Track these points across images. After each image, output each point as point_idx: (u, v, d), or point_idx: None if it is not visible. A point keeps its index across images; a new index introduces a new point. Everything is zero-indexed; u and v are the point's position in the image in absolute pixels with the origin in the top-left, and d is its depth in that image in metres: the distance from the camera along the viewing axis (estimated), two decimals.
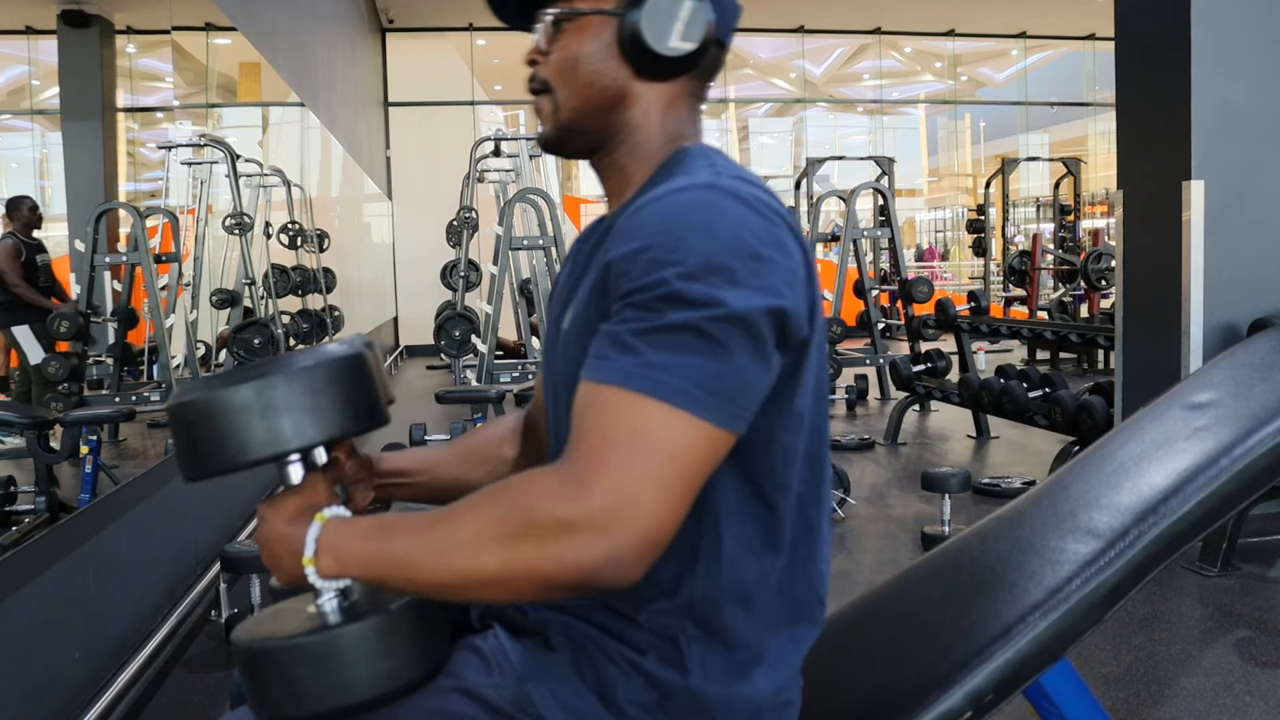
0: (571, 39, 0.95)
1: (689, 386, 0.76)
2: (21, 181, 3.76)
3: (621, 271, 0.81)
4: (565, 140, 0.98)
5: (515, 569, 0.77)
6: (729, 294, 0.77)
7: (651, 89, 0.95)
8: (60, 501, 3.20)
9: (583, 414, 0.78)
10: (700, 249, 0.78)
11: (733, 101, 13.46)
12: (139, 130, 4.29)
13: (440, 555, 0.80)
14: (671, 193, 0.83)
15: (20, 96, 3.45)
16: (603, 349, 0.79)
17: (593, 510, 0.75)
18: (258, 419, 0.84)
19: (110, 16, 3.51)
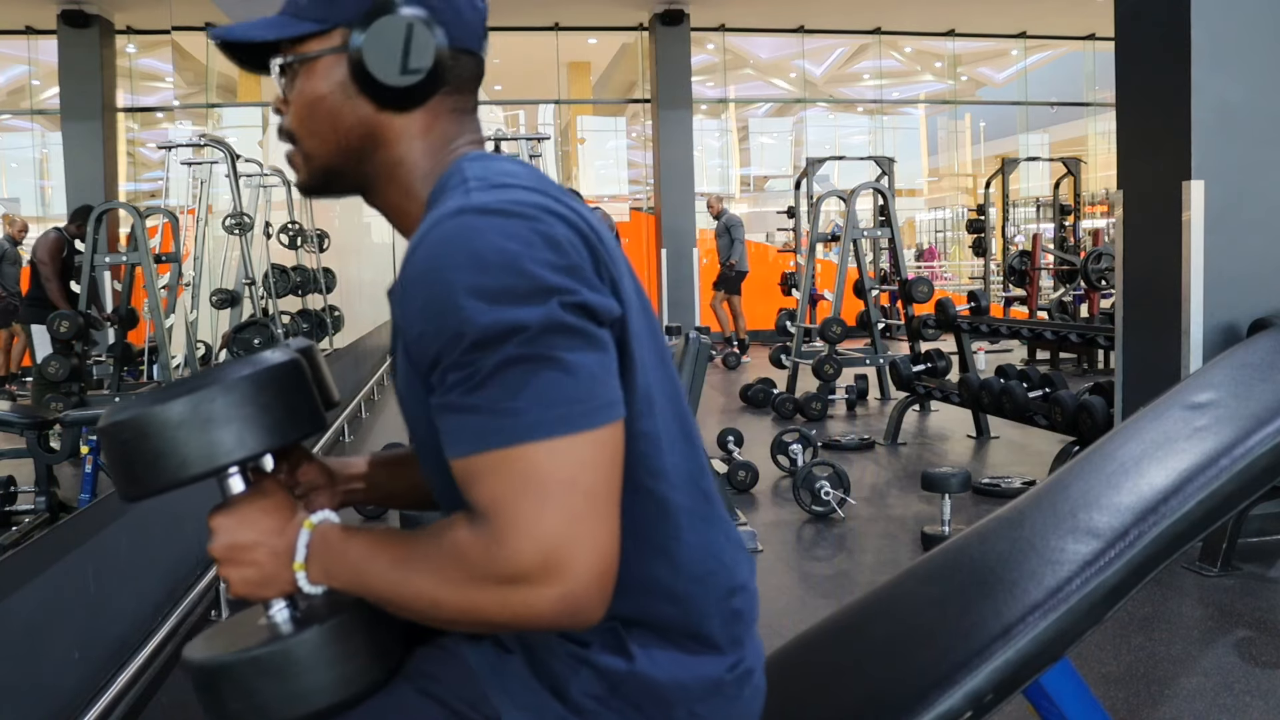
0: (306, 83, 0.92)
1: (543, 414, 0.75)
2: (21, 181, 3.76)
3: (417, 335, 0.79)
4: (325, 186, 0.96)
5: (475, 620, 0.79)
6: (523, 313, 0.75)
7: (402, 119, 0.91)
8: (60, 501, 3.21)
9: (469, 487, 0.77)
10: (474, 283, 0.76)
11: (733, 101, 13.46)
12: (139, 130, 4.29)
13: (404, 599, 0.81)
14: (428, 233, 0.80)
15: (20, 96, 3.45)
16: (447, 424, 0.78)
17: (527, 565, 0.74)
18: (196, 433, 0.83)
19: (110, 16, 3.51)
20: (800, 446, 4.72)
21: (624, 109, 13.26)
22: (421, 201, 0.92)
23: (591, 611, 0.77)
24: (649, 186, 11.98)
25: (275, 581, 0.86)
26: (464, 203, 0.81)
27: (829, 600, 3.08)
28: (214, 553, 0.87)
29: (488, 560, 0.75)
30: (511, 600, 0.75)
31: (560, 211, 0.82)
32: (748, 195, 14.95)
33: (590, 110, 13.72)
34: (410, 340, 0.80)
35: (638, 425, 0.85)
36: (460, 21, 0.92)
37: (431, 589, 0.79)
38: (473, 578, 0.76)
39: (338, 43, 0.91)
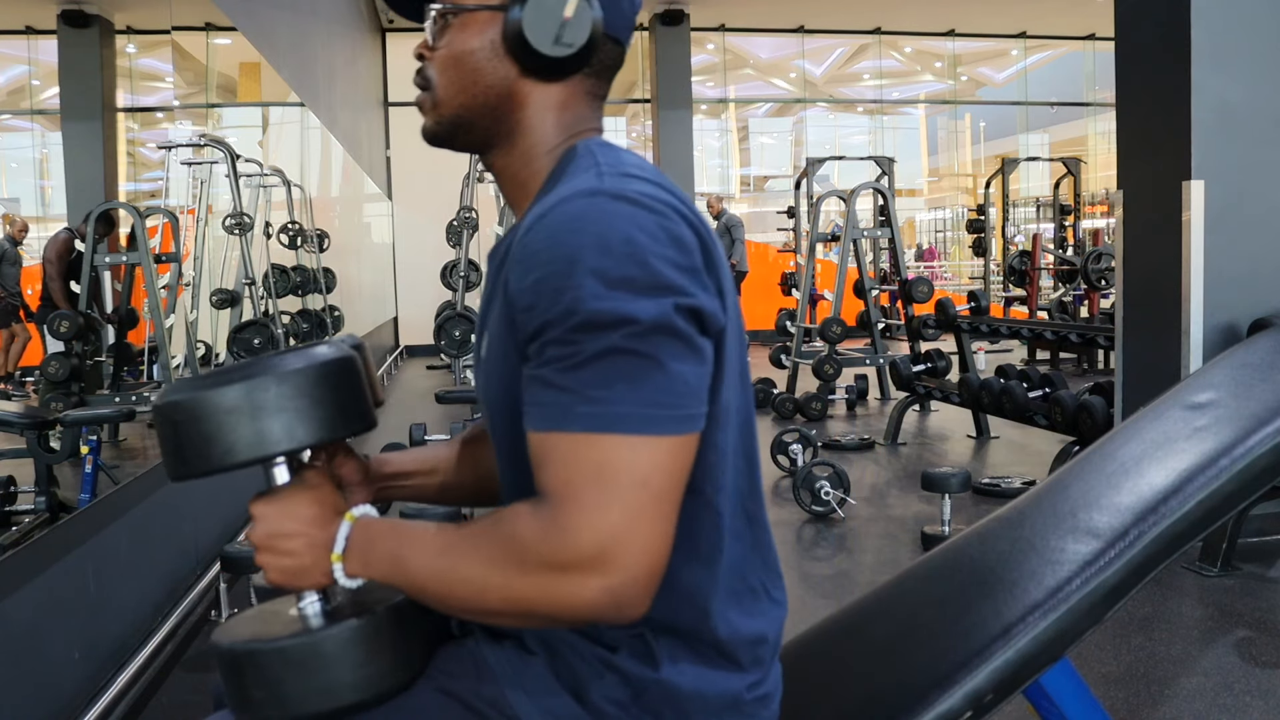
0: (457, 35, 0.93)
1: (633, 410, 0.75)
2: (21, 181, 3.76)
3: (526, 306, 0.79)
4: (449, 135, 0.96)
5: (518, 609, 0.79)
6: (638, 305, 0.75)
7: (541, 89, 0.92)
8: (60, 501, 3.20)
9: (542, 465, 0.78)
10: (597, 266, 0.76)
11: (733, 101, 13.46)
12: (139, 130, 4.29)
13: (448, 586, 0.81)
14: (556, 206, 0.80)
15: (20, 96, 3.45)
16: (536, 396, 0.78)
17: (582, 553, 0.75)
18: (246, 420, 0.83)
19: (110, 16, 3.51)
20: (800, 446, 4.72)
21: (624, 109, 13.26)
22: (541, 174, 0.93)
23: (633, 609, 0.77)
24: None
25: (312, 572, 0.86)
26: (597, 185, 0.81)
27: (829, 600, 3.08)
28: (254, 539, 0.87)
29: (544, 543, 0.76)
30: (560, 587, 0.76)
31: (684, 212, 0.84)
32: (748, 195, 14.95)
33: None
34: (519, 309, 0.80)
35: (712, 436, 0.86)
36: (617, 9, 0.94)
37: (480, 575, 0.79)
38: (525, 562, 0.77)
39: (496, 1, 0.92)
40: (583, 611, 0.76)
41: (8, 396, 3.83)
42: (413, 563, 0.83)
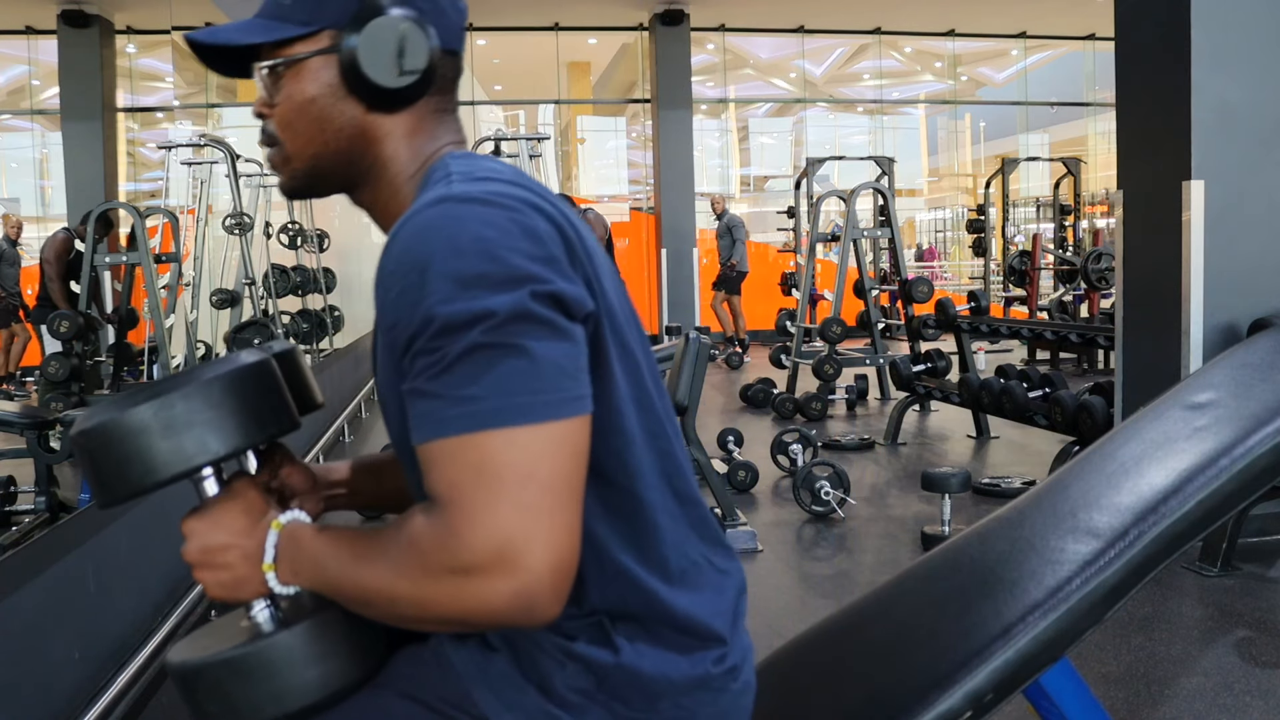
0: (293, 85, 0.91)
1: (503, 401, 0.74)
2: (21, 181, 3.76)
3: (391, 324, 0.79)
4: (309, 187, 0.96)
5: (430, 615, 0.78)
6: (493, 300, 0.75)
7: (390, 120, 0.92)
8: (60, 501, 3.20)
9: (429, 476, 0.77)
10: (447, 268, 0.76)
11: (733, 101, 13.46)
12: (139, 130, 4.29)
13: (364, 594, 0.81)
14: (407, 221, 0.80)
15: (20, 96, 3.45)
16: (414, 408, 0.77)
17: (479, 556, 0.73)
18: (158, 438, 0.82)
19: (110, 16, 3.51)
20: (800, 446, 4.72)
21: (624, 109, 13.26)
22: (407, 199, 0.92)
23: (546, 607, 0.75)
24: (649, 186, 11.98)
25: (248, 583, 0.86)
26: (445, 192, 0.81)
27: (829, 600, 3.08)
28: (187, 557, 0.87)
29: (441, 550, 0.75)
30: (465, 593, 0.74)
31: (540, 205, 0.83)
32: (748, 195, 14.95)
33: (590, 110, 13.73)
34: (386, 328, 0.80)
35: (610, 421, 0.85)
36: (445, 22, 0.92)
37: (388, 583, 0.78)
38: (427, 569, 0.76)
39: (326, 44, 0.90)
40: (494, 615, 0.75)
41: (9, 396, 3.83)
42: (331, 570, 0.82)
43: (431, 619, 0.78)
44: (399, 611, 0.79)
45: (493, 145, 7.58)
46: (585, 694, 0.88)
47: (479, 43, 11.60)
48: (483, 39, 11.60)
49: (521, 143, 7.86)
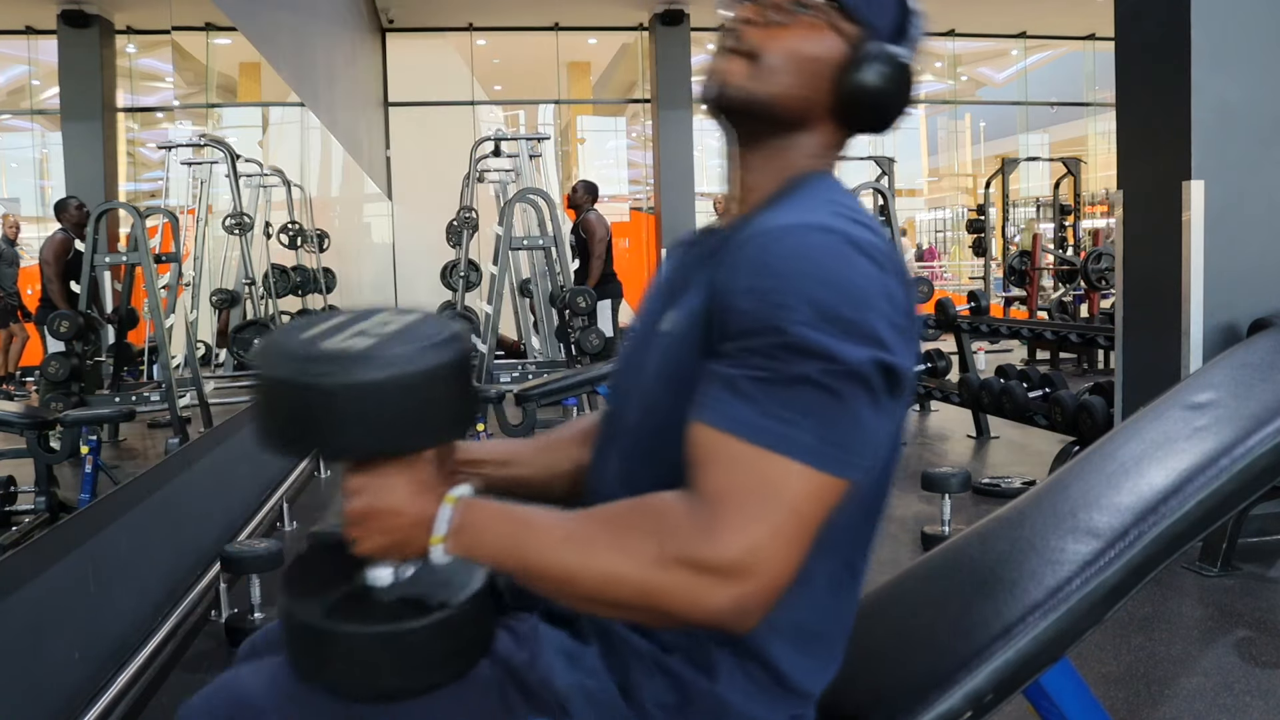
0: (806, 35, 0.93)
1: (811, 440, 0.78)
2: (21, 181, 3.76)
3: (737, 309, 0.81)
4: (745, 107, 0.94)
5: (647, 603, 0.79)
6: (844, 347, 0.78)
7: (828, 126, 0.96)
8: (60, 501, 3.20)
9: (705, 460, 0.80)
10: (818, 297, 0.79)
11: None
12: (139, 130, 4.29)
13: (571, 576, 0.81)
14: (790, 230, 0.83)
15: (20, 96, 3.45)
16: (719, 393, 0.80)
17: (724, 559, 0.77)
18: (389, 414, 0.81)
19: (110, 16, 3.51)
20: None
21: (624, 109, 13.26)
22: (770, 188, 0.95)
23: (749, 621, 0.79)
24: (649, 186, 11.98)
25: (406, 549, 0.85)
26: (833, 224, 0.84)
27: None
28: (351, 514, 0.85)
29: (692, 541, 0.77)
30: (695, 587, 0.77)
31: (900, 269, 0.87)
32: None
33: (590, 110, 13.72)
34: (724, 307, 0.83)
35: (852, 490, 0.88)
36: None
37: (613, 565, 0.79)
38: (663, 556, 0.78)
39: (853, 34, 0.94)
40: (710, 614, 0.78)
41: (9, 396, 3.83)
42: (532, 550, 0.82)
43: (645, 606, 0.79)
44: (612, 595, 0.80)
45: (492, 145, 7.58)
46: (666, 709, 0.89)
47: (479, 43, 11.60)
48: (482, 39, 11.60)
49: (521, 143, 7.85)
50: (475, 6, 10.75)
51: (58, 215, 3.68)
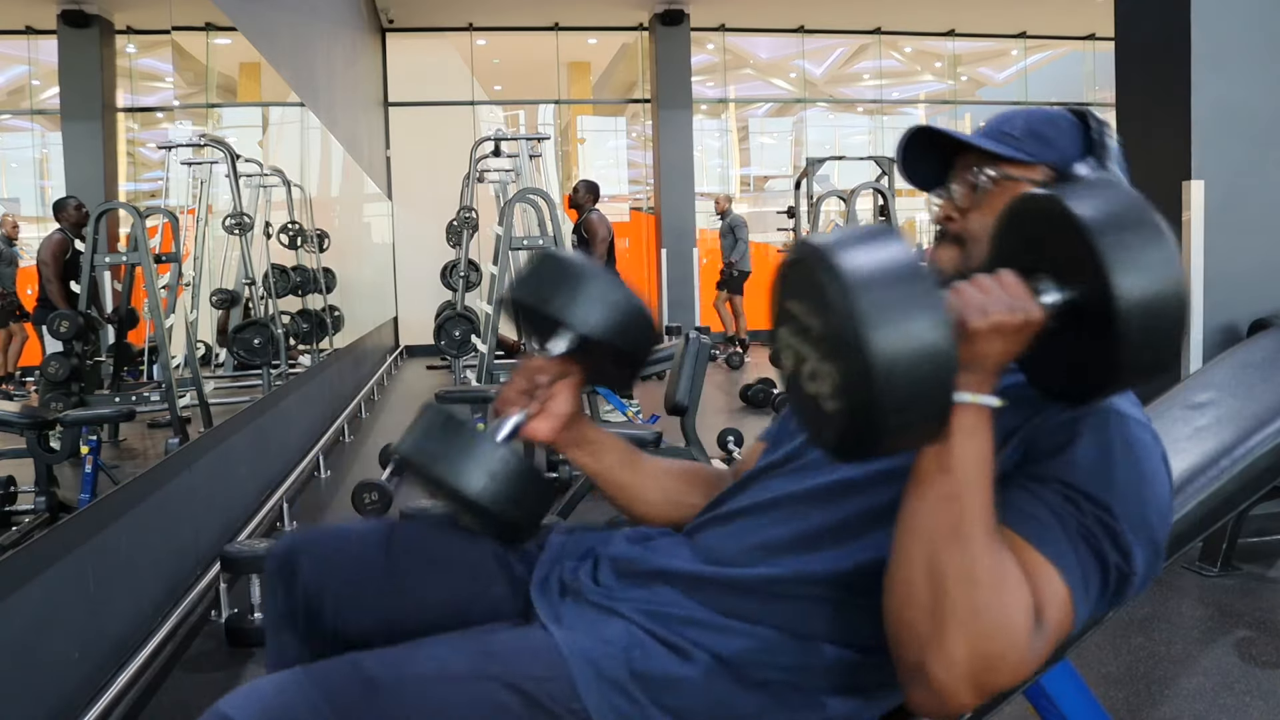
0: (996, 202, 0.98)
1: (1092, 596, 0.87)
2: (21, 181, 3.76)
3: (1060, 445, 0.90)
4: None
5: (970, 595, 0.82)
6: (1139, 557, 0.88)
7: None
8: (60, 501, 3.20)
9: (1039, 574, 0.84)
10: (1139, 499, 0.89)
11: (733, 101, 13.46)
12: (139, 130, 4.29)
13: (960, 542, 0.82)
14: (1114, 414, 0.92)
15: (20, 96, 3.45)
16: (1047, 519, 0.86)
17: (1021, 652, 0.82)
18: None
19: (110, 16, 3.51)
20: None
21: (624, 109, 13.26)
22: None
23: (969, 699, 0.83)
24: (649, 186, 11.98)
25: (1003, 360, 0.85)
26: (1139, 416, 0.95)
27: None
28: (969, 289, 0.85)
29: (1026, 623, 0.82)
30: (991, 637, 0.81)
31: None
32: (748, 195, 14.94)
33: (590, 110, 13.72)
34: (1048, 429, 0.92)
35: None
36: None
37: (984, 581, 0.82)
38: (1009, 623, 0.82)
39: (1038, 177, 0.99)
40: (1010, 644, 0.81)
41: (9, 397, 3.83)
42: (975, 497, 0.83)
43: (967, 589, 0.81)
44: (948, 586, 0.82)
45: (492, 145, 7.58)
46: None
47: (479, 43, 11.60)
48: (482, 39, 11.60)
49: (521, 143, 7.85)
50: (475, 6, 10.75)
51: (56, 215, 3.68)
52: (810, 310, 0.80)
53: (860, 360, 0.74)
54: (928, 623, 0.81)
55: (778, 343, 0.86)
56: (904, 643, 0.84)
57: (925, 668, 0.81)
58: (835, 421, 0.79)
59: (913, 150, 1.06)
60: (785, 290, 0.84)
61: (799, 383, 0.83)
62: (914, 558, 0.83)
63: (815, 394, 0.81)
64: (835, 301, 0.76)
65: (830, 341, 0.77)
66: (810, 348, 0.80)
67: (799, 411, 0.87)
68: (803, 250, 0.82)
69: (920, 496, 0.84)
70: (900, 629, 0.84)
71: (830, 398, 0.79)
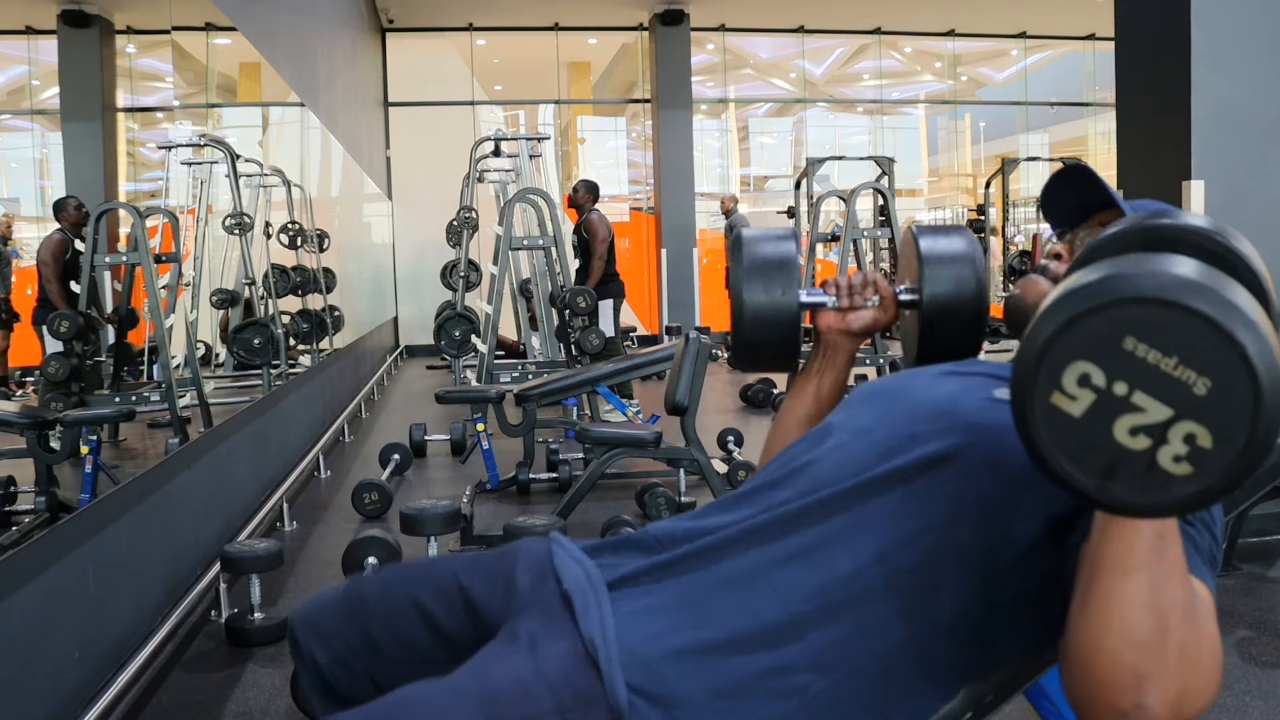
0: None
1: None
2: (21, 181, 3.76)
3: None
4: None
5: (1153, 630, 0.81)
6: (1202, 571, 0.91)
7: None
8: (60, 501, 3.20)
9: (1195, 607, 0.83)
10: (1201, 535, 0.95)
11: (733, 101, 13.46)
12: (139, 130, 4.29)
13: (1166, 577, 0.82)
14: None
15: (20, 96, 3.45)
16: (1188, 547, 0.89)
17: (1219, 675, 0.84)
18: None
19: (110, 16, 3.51)
20: None
21: (624, 109, 13.26)
22: None
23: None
24: (649, 186, 11.98)
25: None
26: None
27: None
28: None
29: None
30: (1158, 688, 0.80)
31: None
32: (748, 195, 14.95)
33: (590, 110, 13.72)
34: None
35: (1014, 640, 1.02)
36: None
37: (1174, 606, 0.82)
38: (1193, 633, 0.82)
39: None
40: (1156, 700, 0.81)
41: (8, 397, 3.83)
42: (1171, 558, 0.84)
43: (1188, 621, 0.81)
44: (1181, 597, 0.82)
45: (492, 145, 7.58)
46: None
47: (479, 43, 11.60)
48: (483, 39, 11.60)
49: (521, 143, 7.85)
50: (475, 6, 10.75)
51: (56, 215, 3.67)
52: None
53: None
54: (1155, 660, 0.80)
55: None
56: (1116, 685, 0.81)
57: (1144, 706, 0.80)
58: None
59: (1064, 185, 1.09)
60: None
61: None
62: (1132, 595, 0.81)
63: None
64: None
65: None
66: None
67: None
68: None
69: (1136, 533, 0.83)
70: (1116, 671, 0.81)
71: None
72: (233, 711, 2.30)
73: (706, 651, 0.96)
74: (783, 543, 1.01)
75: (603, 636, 0.96)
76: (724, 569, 1.01)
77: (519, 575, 1.12)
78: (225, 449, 3.53)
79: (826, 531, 1.00)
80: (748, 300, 1.26)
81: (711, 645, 0.96)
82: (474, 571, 1.16)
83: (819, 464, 1.08)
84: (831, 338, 1.32)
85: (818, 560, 0.99)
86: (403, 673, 1.08)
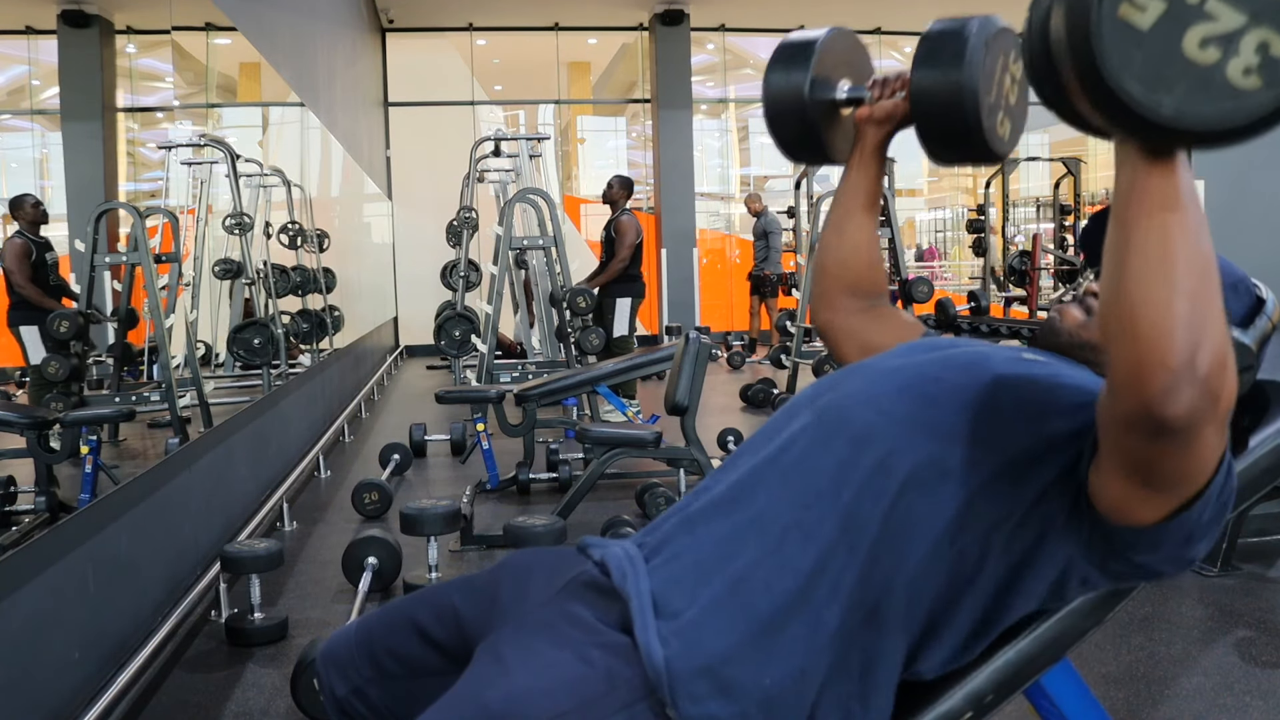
0: None
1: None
2: (21, 181, 3.75)
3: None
4: (1065, 349, 1.24)
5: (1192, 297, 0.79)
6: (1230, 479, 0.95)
7: None
8: (60, 501, 3.20)
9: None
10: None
11: (733, 101, 13.46)
12: (139, 130, 4.29)
13: (1186, 241, 0.81)
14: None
15: (20, 96, 3.45)
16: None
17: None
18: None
19: (110, 16, 3.51)
20: None
21: (624, 109, 13.26)
22: None
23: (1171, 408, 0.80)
24: (649, 186, 11.98)
25: None
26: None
27: None
28: None
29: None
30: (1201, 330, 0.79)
31: None
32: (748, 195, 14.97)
33: (590, 110, 13.72)
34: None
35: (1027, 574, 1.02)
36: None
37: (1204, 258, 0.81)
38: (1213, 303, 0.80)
39: None
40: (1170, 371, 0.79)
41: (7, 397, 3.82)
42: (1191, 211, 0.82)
43: (1192, 289, 0.79)
44: (1185, 260, 0.80)
45: (492, 145, 7.58)
46: None
47: (479, 43, 11.60)
48: (483, 39, 11.60)
49: (521, 143, 7.85)
50: (475, 6, 10.75)
51: (13, 214, 3.66)
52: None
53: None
54: (1202, 309, 0.78)
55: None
56: (1167, 340, 0.78)
57: (1195, 365, 0.77)
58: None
59: (1104, 225, 1.09)
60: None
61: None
62: (1175, 234, 0.80)
63: None
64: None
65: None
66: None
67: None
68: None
69: (1176, 171, 0.83)
70: (1169, 324, 0.78)
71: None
72: (233, 711, 2.30)
73: (737, 591, 0.99)
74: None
75: (639, 601, 1.00)
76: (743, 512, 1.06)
77: (502, 591, 1.18)
78: (225, 449, 3.53)
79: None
80: (769, 81, 1.34)
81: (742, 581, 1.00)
82: (465, 589, 1.22)
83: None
84: (860, 126, 1.38)
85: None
86: (407, 690, 1.18)
